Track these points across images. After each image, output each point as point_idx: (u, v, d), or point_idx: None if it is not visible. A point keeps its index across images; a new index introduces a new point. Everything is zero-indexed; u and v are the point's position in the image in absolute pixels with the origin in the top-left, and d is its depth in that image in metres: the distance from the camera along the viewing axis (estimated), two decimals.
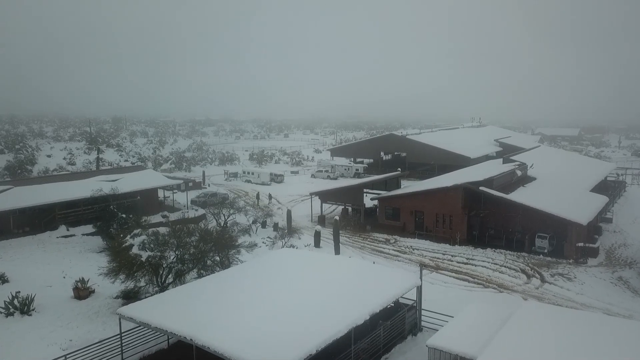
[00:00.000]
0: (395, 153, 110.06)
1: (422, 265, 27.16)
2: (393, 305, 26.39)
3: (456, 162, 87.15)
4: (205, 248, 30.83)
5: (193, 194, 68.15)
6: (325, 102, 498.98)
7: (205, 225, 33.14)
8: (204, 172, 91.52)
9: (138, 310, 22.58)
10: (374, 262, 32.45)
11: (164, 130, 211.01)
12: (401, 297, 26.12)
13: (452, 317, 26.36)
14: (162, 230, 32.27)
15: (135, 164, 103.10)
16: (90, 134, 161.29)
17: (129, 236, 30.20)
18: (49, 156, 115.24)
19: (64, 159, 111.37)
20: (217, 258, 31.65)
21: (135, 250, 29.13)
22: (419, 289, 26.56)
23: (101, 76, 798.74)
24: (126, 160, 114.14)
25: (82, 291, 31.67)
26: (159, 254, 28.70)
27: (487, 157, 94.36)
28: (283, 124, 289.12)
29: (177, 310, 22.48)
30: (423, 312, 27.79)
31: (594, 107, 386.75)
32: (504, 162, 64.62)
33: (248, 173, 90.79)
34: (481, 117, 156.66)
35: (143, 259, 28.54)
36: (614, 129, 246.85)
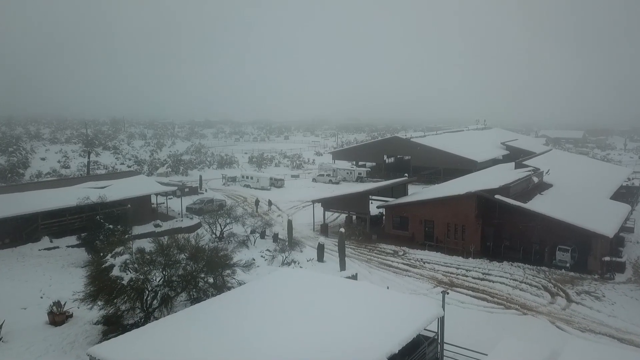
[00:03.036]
0: (399, 156, 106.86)
1: (445, 292, 23.64)
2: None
3: (462, 166, 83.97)
4: (196, 268, 27.35)
5: (189, 201, 64.70)
6: (325, 104, 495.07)
7: (197, 240, 29.49)
8: (200, 177, 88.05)
9: (111, 350, 18.99)
10: (387, 287, 28.95)
11: (162, 133, 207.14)
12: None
13: (475, 351, 23.05)
14: (149, 246, 28.85)
15: (131, 168, 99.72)
16: (87, 136, 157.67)
17: (109, 255, 26.69)
18: (43, 159, 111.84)
19: (59, 162, 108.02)
20: (210, 280, 28.15)
21: (116, 272, 25.65)
22: (441, 320, 23.09)
23: (100, 77, 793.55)
24: (122, 164, 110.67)
25: (57, 316, 28.18)
26: (142, 277, 25.20)
27: (494, 161, 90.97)
28: (283, 126, 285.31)
29: (160, 350, 19.00)
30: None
31: (596, 109, 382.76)
32: (515, 167, 61.20)
33: (247, 177, 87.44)
34: (485, 119, 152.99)
35: (124, 282, 25.06)
36: (617, 131, 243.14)
